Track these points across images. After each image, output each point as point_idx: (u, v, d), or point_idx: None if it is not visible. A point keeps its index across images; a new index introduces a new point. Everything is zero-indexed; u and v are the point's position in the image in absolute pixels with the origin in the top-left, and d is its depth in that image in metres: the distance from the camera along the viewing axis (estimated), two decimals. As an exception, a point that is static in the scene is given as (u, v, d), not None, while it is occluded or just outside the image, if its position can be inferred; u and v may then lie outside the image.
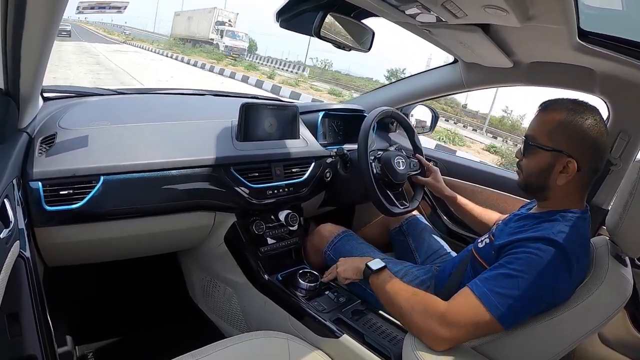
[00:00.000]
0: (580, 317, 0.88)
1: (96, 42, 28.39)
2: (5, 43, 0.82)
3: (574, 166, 0.94)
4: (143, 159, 1.15)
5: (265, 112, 1.39)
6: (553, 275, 0.86)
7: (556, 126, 0.96)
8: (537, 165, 1.00)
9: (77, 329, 1.41)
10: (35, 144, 1.07)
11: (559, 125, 0.96)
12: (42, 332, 0.83)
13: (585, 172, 0.96)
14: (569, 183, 0.97)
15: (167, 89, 1.75)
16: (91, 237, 1.14)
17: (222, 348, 1.03)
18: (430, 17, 1.06)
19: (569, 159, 0.94)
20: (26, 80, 0.94)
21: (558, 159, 0.96)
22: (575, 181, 0.97)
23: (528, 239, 0.93)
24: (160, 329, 1.62)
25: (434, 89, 1.86)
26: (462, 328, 0.88)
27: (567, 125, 0.95)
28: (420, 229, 1.62)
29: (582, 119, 0.93)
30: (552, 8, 0.92)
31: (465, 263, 1.18)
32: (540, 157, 0.99)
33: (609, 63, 1.16)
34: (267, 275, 1.38)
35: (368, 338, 1.09)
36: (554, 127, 0.96)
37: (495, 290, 0.88)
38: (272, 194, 1.41)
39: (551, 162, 0.97)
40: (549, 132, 0.97)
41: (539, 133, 0.99)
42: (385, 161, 1.50)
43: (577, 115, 0.94)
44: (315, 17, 1.27)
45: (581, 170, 0.95)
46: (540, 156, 0.99)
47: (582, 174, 0.96)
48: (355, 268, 1.23)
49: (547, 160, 0.98)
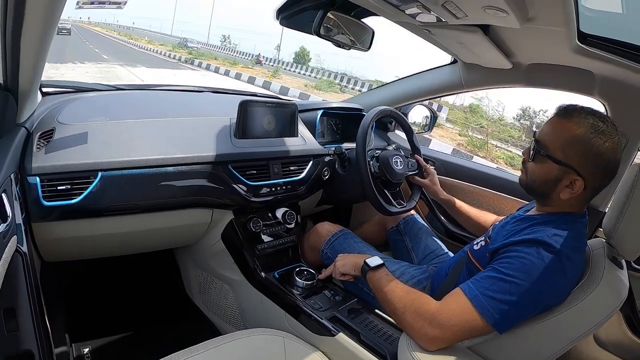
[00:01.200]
0: (575, 318, 0.88)
1: (152, 67, 17.52)
2: (5, 38, 0.82)
3: (581, 185, 0.92)
4: (141, 155, 1.15)
5: (264, 109, 1.39)
6: (547, 279, 0.86)
7: (573, 141, 0.91)
8: (543, 174, 0.98)
9: (74, 325, 1.41)
10: (33, 139, 1.07)
11: (575, 140, 0.91)
12: (38, 327, 0.83)
13: (590, 190, 0.94)
14: (572, 197, 0.95)
15: (166, 85, 1.75)
16: (88, 233, 1.14)
17: (218, 345, 1.03)
18: (430, 17, 1.06)
19: (578, 177, 0.92)
20: (25, 75, 0.94)
21: (566, 175, 0.93)
22: (578, 196, 0.95)
23: (522, 241, 0.92)
24: (157, 325, 1.63)
25: (433, 89, 1.86)
26: (452, 329, 0.88)
27: (585, 143, 0.90)
28: (417, 229, 1.62)
29: (601, 141, 0.89)
30: (552, 10, 0.92)
31: (461, 264, 1.18)
32: (548, 167, 0.96)
33: (608, 66, 1.16)
34: (263, 273, 1.38)
35: (364, 337, 1.10)
36: (570, 141, 0.92)
37: (488, 293, 0.88)
38: (269, 191, 1.41)
39: (559, 175, 0.94)
40: (563, 145, 0.93)
41: (553, 143, 0.95)
42: (383, 160, 1.50)
43: (597, 136, 0.89)
44: (316, 15, 1.27)
45: (587, 188, 0.93)
46: (549, 167, 0.96)
47: (587, 191, 0.94)
48: (354, 264, 1.24)
49: (554, 173, 0.95)
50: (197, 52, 30.33)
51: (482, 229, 1.45)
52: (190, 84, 1.87)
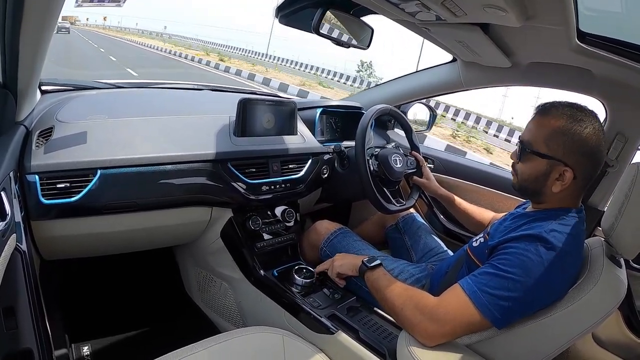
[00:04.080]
0: (574, 317, 0.88)
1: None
2: (4, 36, 0.82)
3: (570, 175, 0.94)
4: (140, 153, 1.15)
5: (263, 107, 1.39)
6: (545, 275, 0.87)
7: (554, 133, 0.95)
8: (532, 171, 1.00)
9: (73, 323, 1.41)
10: (32, 137, 1.07)
11: (556, 132, 0.94)
12: (38, 325, 0.83)
13: (580, 180, 0.96)
14: (564, 189, 0.97)
15: (165, 83, 1.75)
16: (88, 231, 1.14)
17: (218, 343, 1.03)
18: (429, 15, 1.06)
19: (566, 167, 0.94)
20: (24, 73, 0.94)
21: (554, 167, 0.96)
22: (570, 187, 0.96)
23: (520, 237, 0.93)
24: (156, 323, 1.63)
25: (432, 88, 1.86)
26: (450, 324, 0.89)
27: (565, 133, 0.93)
28: (417, 227, 1.63)
29: (581, 128, 0.92)
30: (552, 9, 0.92)
31: (461, 262, 1.19)
32: (536, 164, 0.99)
33: (607, 65, 1.16)
34: (262, 271, 1.38)
35: (363, 334, 1.10)
36: (552, 134, 0.95)
37: (486, 290, 0.88)
38: (268, 189, 1.41)
39: (547, 169, 0.97)
40: (546, 139, 0.96)
41: (536, 139, 0.98)
42: (383, 159, 1.50)
43: (576, 124, 0.93)
44: (315, 13, 1.27)
45: (577, 178, 0.95)
46: (536, 163, 0.98)
47: (578, 181, 0.96)
48: (351, 265, 1.24)
49: (543, 168, 0.97)
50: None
51: (480, 226, 1.46)
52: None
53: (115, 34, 52.48)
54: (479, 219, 1.49)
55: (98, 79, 1.56)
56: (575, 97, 1.28)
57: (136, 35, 50.89)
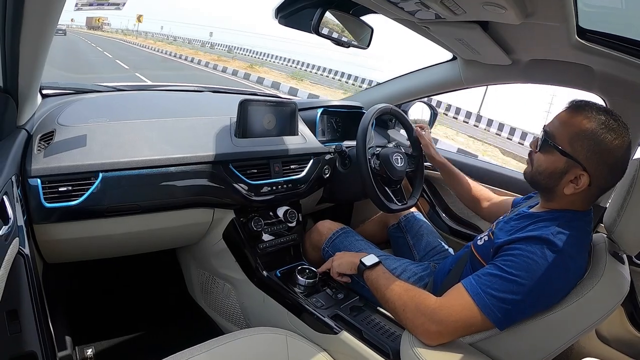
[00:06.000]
0: (577, 314, 0.88)
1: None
2: (4, 40, 0.82)
3: (586, 180, 0.91)
4: (142, 156, 1.15)
5: (264, 108, 1.39)
6: (550, 278, 0.86)
7: (581, 134, 0.90)
8: (548, 165, 0.96)
9: (77, 326, 1.42)
10: (33, 141, 1.07)
11: (584, 134, 0.90)
12: (41, 328, 0.83)
13: (595, 187, 0.93)
14: (576, 193, 0.94)
15: (166, 85, 1.75)
16: (90, 234, 1.14)
17: (221, 344, 1.03)
18: (429, 14, 1.06)
19: (583, 172, 0.91)
20: (25, 77, 0.94)
21: (571, 168, 0.92)
22: (583, 193, 0.93)
23: (525, 238, 0.91)
24: (160, 325, 1.63)
25: (432, 86, 1.86)
26: (453, 324, 0.89)
27: (593, 138, 0.89)
28: (419, 226, 1.62)
29: (611, 137, 0.88)
30: (551, 6, 0.91)
31: (464, 260, 1.18)
32: (554, 158, 0.95)
33: (607, 61, 1.16)
34: (265, 272, 1.38)
35: (366, 334, 1.10)
36: (579, 134, 0.91)
37: (490, 291, 0.88)
38: (270, 190, 1.41)
39: (564, 168, 0.93)
40: (571, 137, 0.92)
41: (561, 134, 0.94)
42: (384, 158, 1.50)
43: (608, 132, 0.88)
44: (314, 13, 1.27)
45: (592, 185, 0.92)
46: (555, 158, 0.95)
47: (592, 189, 0.93)
48: (350, 263, 1.24)
49: (560, 165, 0.94)
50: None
51: (475, 202, 1.46)
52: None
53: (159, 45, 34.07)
54: (475, 194, 1.48)
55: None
56: (575, 94, 1.28)
57: (178, 46, 33.79)
